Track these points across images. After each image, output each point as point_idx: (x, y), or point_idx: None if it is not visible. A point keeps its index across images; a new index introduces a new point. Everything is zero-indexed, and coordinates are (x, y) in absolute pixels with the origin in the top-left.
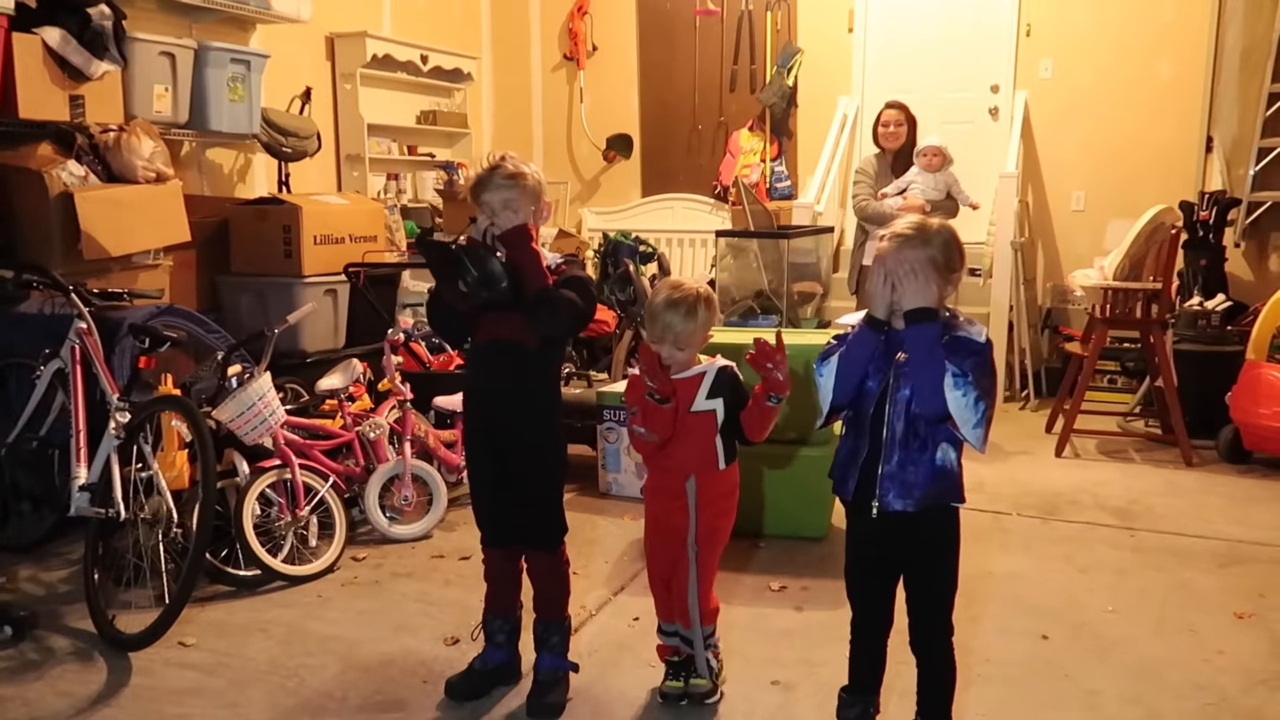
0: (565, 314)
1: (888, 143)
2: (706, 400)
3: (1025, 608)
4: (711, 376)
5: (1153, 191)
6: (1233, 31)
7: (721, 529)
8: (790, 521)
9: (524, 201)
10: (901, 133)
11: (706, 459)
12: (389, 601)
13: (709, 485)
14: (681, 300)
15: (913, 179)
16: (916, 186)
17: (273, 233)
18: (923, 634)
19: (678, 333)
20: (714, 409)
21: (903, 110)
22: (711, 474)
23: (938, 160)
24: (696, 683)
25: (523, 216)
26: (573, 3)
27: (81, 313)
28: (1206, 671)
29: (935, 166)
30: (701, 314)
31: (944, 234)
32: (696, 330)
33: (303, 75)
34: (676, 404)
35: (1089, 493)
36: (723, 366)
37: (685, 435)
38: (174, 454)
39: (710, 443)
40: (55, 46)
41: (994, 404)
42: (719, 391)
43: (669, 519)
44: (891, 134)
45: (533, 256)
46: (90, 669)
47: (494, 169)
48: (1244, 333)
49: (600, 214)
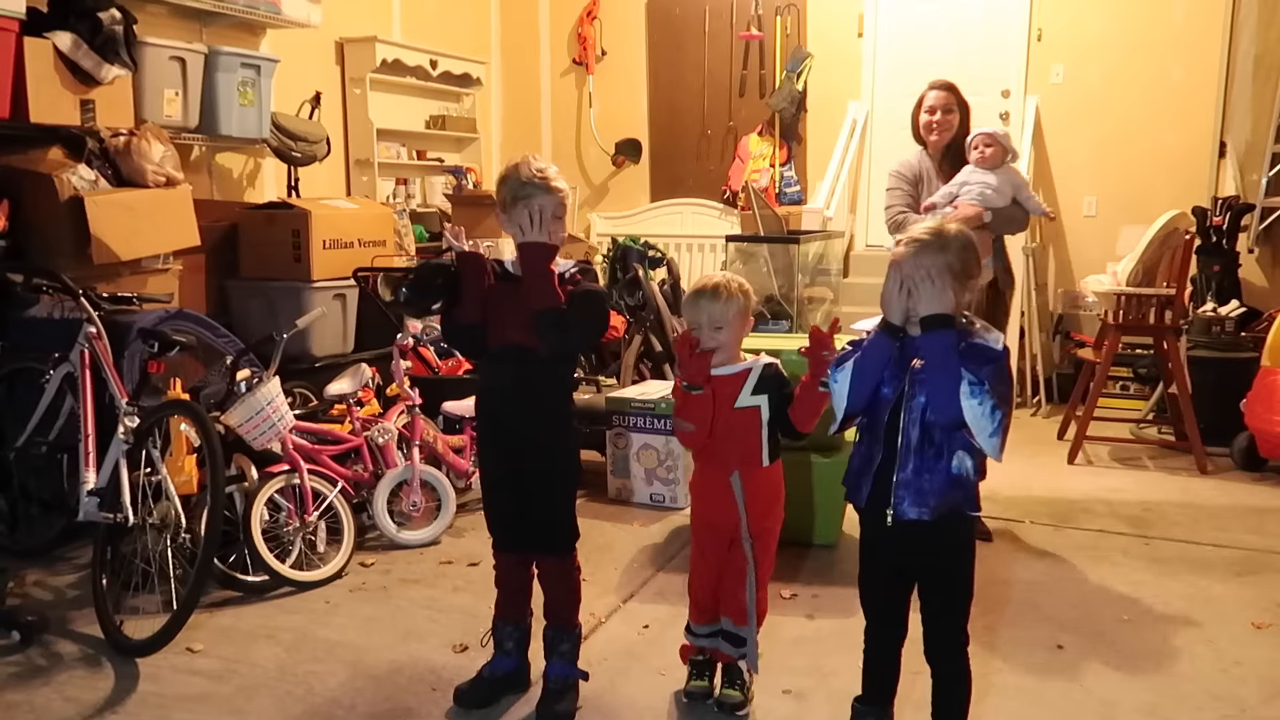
0: (577, 336)
1: (934, 135)
2: (752, 396)
3: (1040, 617)
4: (757, 373)
5: (1165, 197)
6: (1245, 37)
7: (771, 529)
8: (801, 528)
9: (561, 212)
10: (952, 121)
11: (751, 454)
12: (397, 608)
13: (754, 480)
14: (710, 284)
15: (966, 180)
16: (972, 189)
17: (282, 237)
18: (937, 643)
19: (711, 313)
20: (759, 405)
21: (952, 92)
22: (756, 469)
23: (994, 153)
24: (729, 694)
25: (556, 230)
26: (582, 8)
27: (91, 317)
28: (1224, 682)
29: (993, 161)
30: (734, 296)
31: (961, 239)
32: (731, 310)
33: (312, 80)
34: (714, 394)
35: (1102, 500)
36: (768, 364)
37: (730, 431)
38: (183, 459)
39: (755, 439)
40: (66, 51)
41: (1010, 412)
42: (764, 388)
43: (716, 516)
44: (939, 123)
45: (546, 277)
46: (98, 675)
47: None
48: (1258, 339)
49: (609, 219)
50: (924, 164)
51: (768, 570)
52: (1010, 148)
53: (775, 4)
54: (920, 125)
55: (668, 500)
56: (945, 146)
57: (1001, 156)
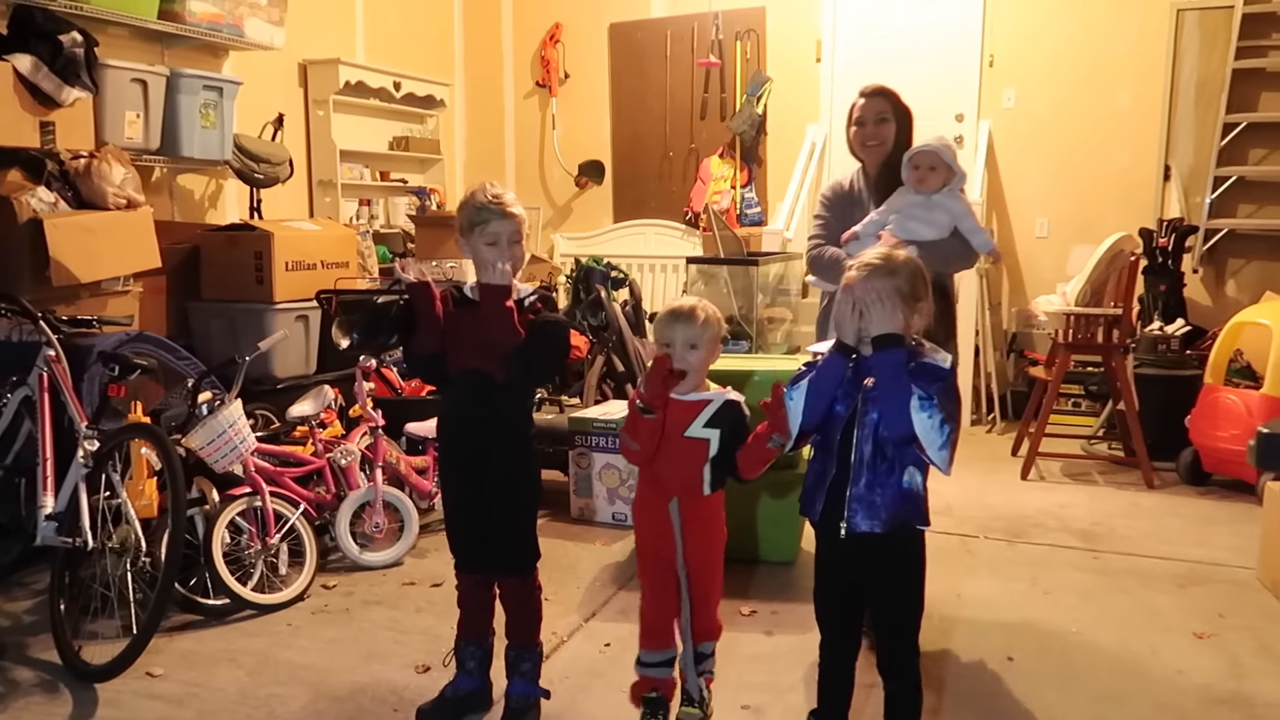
0: (537, 369)
1: (866, 150)
2: (703, 428)
3: (991, 629)
4: (715, 407)
5: (1113, 219)
6: (1188, 64)
7: (713, 555)
8: (759, 546)
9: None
10: (885, 133)
11: (691, 484)
12: (360, 629)
13: (691, 509)
14: (686, 307)
15: (896, 207)
16: (898, 218)
17: (244, 259)
18: (890, 656)
19: (687, 334)
20: (708, 438)
21: (886, 98)
22: (695, 499)
23: (937, 176)
24: (687, 710)
25: (515, 254)
26: (545, 31)
27: (50, 340)
28: (1168, 692)
29: (934, 185)
30: (710, 321)
31: (910, 265)
32: (703, 333)
33: (275, 101)
34: (664, 421)
35: (1054, 515)
36: (730, 400)
37: (674, 457)
38: (143, 482)
39: (697, 470)
40: (26, 73)
41: (958, 429)
42: (719, 423)
43: (656, 542)
44: (870, 135)
45: (506, 316)
46: (56, 701)
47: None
48: (1202, 357)
49: (572, 239)
50: (858, 184)
51: (715, 593)
52: (957, 167)
53: (735, 29)
54: (851, 138)
55: (630, 519)
56: (882, 163)
57: (945, 179)
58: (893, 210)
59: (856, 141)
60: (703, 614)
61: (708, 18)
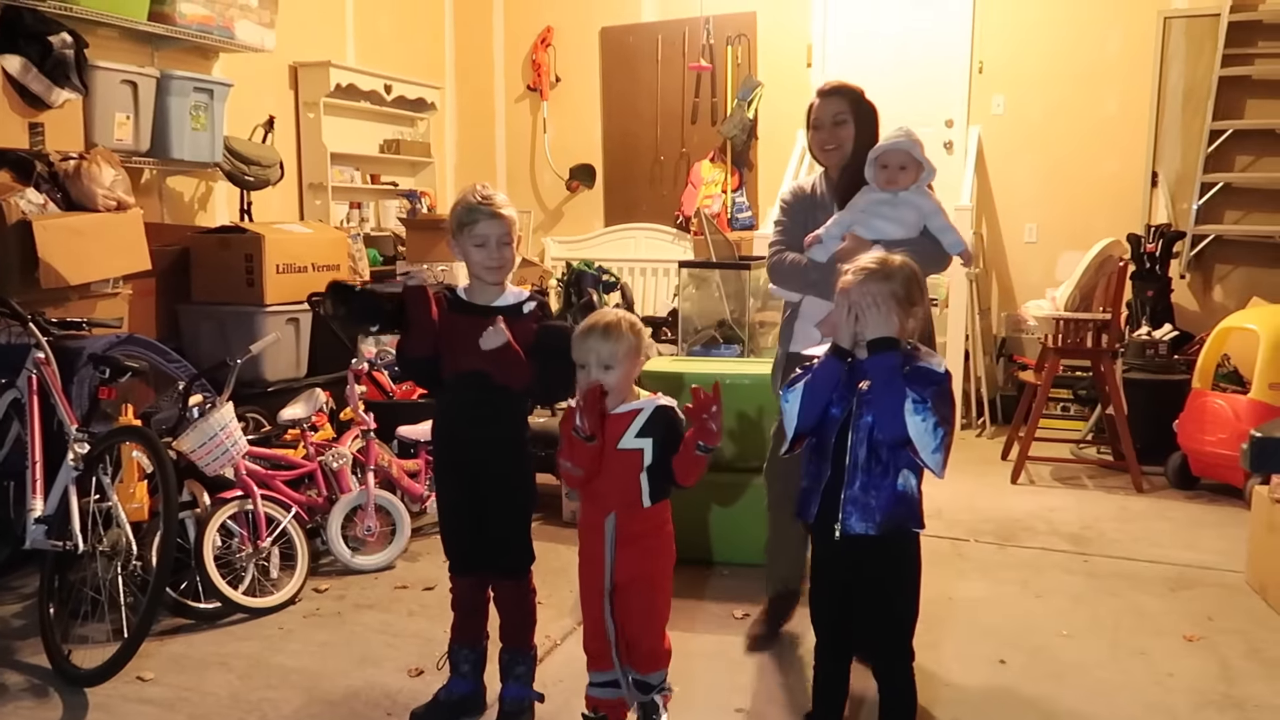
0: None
1: (824, 154)
2: (635, 439)
3: (983, 633)
4: (645, 415)
5: (1102, 224)
6: (1174, 71)
7: (653, 572)
8: (754, 549)
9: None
10: (843, 136)
11: (629, 496)
12: (352, 633)
13: (629, 523)
14: (601, 322)
15: (860, 206)
16: (864, 217)
17: (235, 261)
18: (884, 659)
19: (600, 351)
20: (641, 448)
21: (844, 97)
22: (633, 511)
23: (907, 175)
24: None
25: (505, 255)
26: (536, 34)
27: (40, 342)
28: (1157, 693)
29: (906, 183)
30: (625, 334)
31: (906, 270)
32: (621, 348)
33: (266, 104)
34: (603, 443)
35: (1044, 519)
36: (661, 406)
37: (609, 471)
38: (134, 485)
39: (634, 481)
40: (15, 74)
41: (952, 432)
42: (651, 431)
43: (593, 556)
44: (828, 137)
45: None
46: (46, 706)
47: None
48: (1190, 361)
49: (563, 243)
50: (820, 187)
51: (661, 615)
52: (926, 162)
53: (726, 34)
54: (812, 142)
55: None
56: (843, 167)
57: (914, 176)
58: (857, 210)
59: (814, 145)
60: (644, 638)
61: (699, 22)
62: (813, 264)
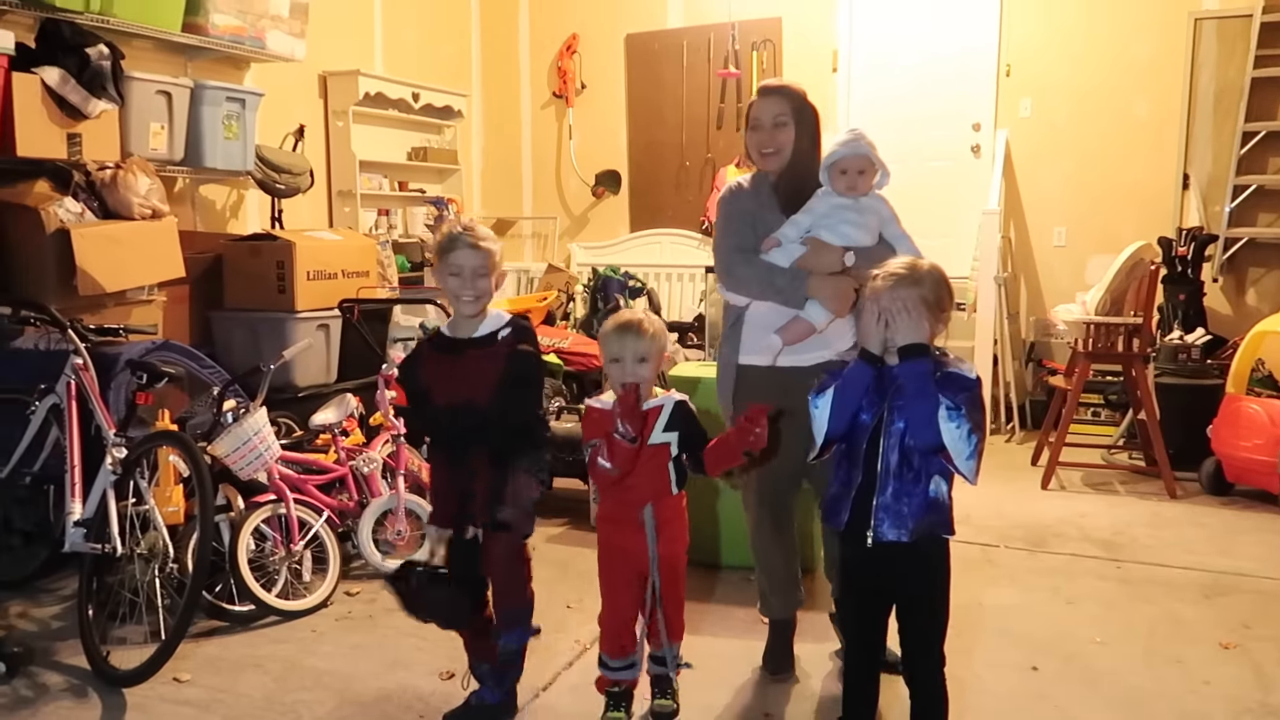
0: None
1: (762, 158)
2: (663, 433)
3: (1015, 639)
4: (669, 410)
5: (1132, 228)
6: (1206, 73)
7: (680, 553)
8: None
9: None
10: (781, 139)
11: (662, 487)
12: (383, 636)
13: (663, 510)
14: (634, 320)
15: (822, 211)
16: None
17: (266, 268)
18: (916, 665)
19: (636, 348)
20: (669, 441)
21: (785, 97)
22: (664, 500)
23: (866, 179)
24: (662, 703)
25: (483, 286)
26: (561, 41)
27: (78, 348)
28: (1193, 702)
29: (867, 187)
30: (657, 334)
31: (934, 274)
32: (655, 344)
33: (296, 113)
34: (641, 441)
35: (1075, 525)
36: (679, 401)
37: (641, 466)
38: (170, 489)
39: (664, 472)
40: (54, 86)
41: (984, 438)
42: (675, 425)
43: (622, 551)
44: (766, 139)
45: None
46: (85, 706)
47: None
48: (1224, 366)
49: (589, 249)
50: (762, 188)
51: (682, 593)
52: (880, 164)
53: (751, 39)
54: (746, 143)
55: None
56: (782, 172)
57: (873, 180)
58: (819, 214)
59: (751, 147)
60: (676, 614)
61: (724, 28)
62: (779, 270)
